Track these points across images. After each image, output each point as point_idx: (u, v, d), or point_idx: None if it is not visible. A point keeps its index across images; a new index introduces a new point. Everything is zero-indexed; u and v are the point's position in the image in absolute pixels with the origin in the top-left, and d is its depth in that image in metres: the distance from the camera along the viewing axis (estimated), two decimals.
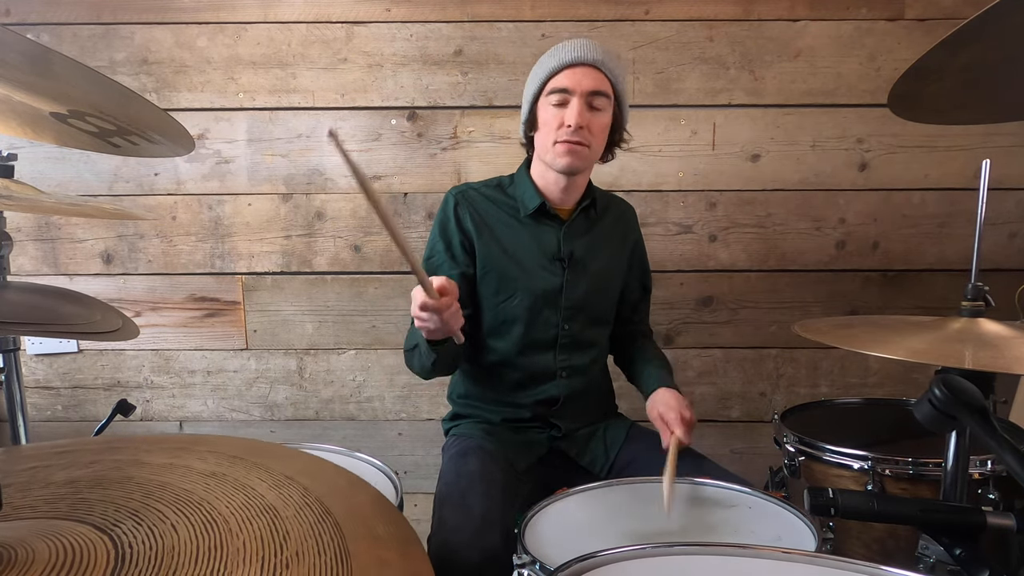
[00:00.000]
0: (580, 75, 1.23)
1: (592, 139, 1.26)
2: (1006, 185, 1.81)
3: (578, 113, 1.22)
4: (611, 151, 1.37)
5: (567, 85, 1.24)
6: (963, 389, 0.76)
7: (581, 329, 1.36)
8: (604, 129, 1.28)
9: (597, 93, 1.24)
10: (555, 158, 1.27)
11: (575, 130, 1.23)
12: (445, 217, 1.35)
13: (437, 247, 1.35)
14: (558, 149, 1.26)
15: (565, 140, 1.24)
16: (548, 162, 1.29)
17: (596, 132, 1.26)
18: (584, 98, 1.23)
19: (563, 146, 1.25)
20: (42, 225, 1.88)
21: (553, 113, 1.26)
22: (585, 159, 1.27)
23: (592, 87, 1.23)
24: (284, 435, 1.95)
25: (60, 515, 0.57)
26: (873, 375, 1.91)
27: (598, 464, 1.33)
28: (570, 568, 0.78)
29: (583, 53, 1.24)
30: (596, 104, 1.25)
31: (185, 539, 0.53)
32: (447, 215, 1.34)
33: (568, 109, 1.23)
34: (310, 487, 0.64)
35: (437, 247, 1.35)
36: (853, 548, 1.20)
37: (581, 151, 1.25)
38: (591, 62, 1.23)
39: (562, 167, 1.27)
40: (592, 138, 1.26)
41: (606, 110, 1.26)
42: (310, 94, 1.83)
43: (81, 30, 1.81)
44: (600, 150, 1.31)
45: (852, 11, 1.78)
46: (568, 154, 1.25)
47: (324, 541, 0.54)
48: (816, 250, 1.87)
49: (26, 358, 1.91)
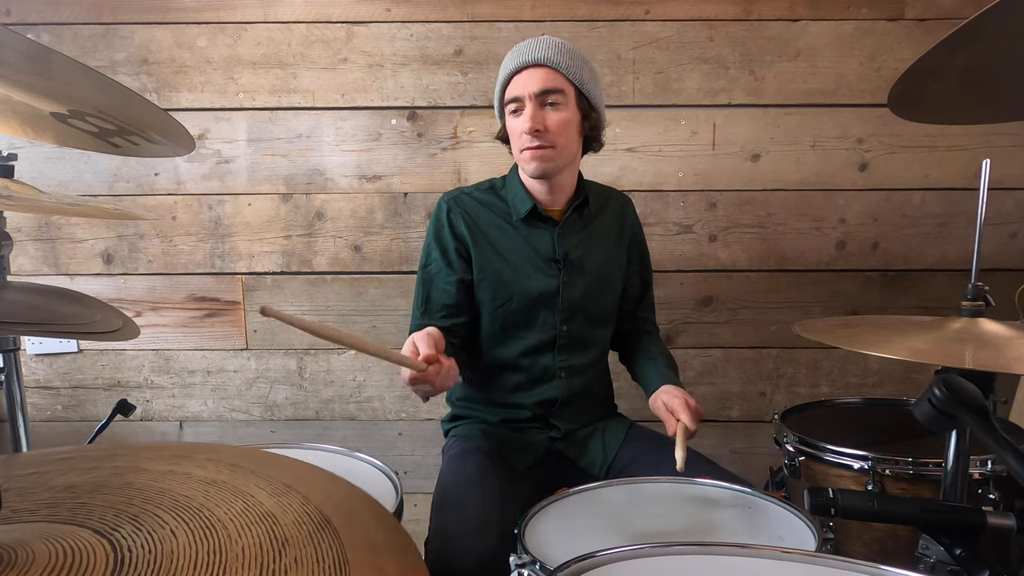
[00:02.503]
0: (526, 79, 1.23)
1: (555, 138, 1.24)
2: (1006, 185, 1.81)
3: (531, 117, 1.22)
4: (593, 143, 1.34)
5: (516, 93, 1.24)
6: (963, 389, 0.76)
7: (580, 329, 1.36)
8: (565, 124, 1.25)
9: (546, 92, 1.22)
10: (525, 165, 1.27)
11: (532, 135, 1.22)
12: (439, 224, 1.34)
13: (433, 254, 1.34)
14: (524, 156, 1.26)
15: (527, 147, 1.24)
16: (524, 169, 1.30)
17: (556, 130, 1.24)
18: (535, 99, 1.22)
19: (527, 152, 1.25)
20: (42, 225, 1.88)
21: (513, 123, 1.27)
22: (554, 160, 1.26)
23: (539, 87, 1.22)
24: (284, 435, 1.95)
25: (59, 519, 0.57)
26: (873, 375, 1.91)
27: (596, 465, 1.33)
28: (570, 568, 0.78)
29: (526, 56, 1.23)
30: (550, 101, 1.23)
31: (184, 544, 0.53)
32: (441, 222, 1.34)
33: (522, 116, 1.24)
34: (309, 495, 0.64)
35: (433, 254, 1.34)
36: (853, 548, 1.20)
37: (546, 154, 1.24)
38: (535, 62, 1.22)
39: (532, 172, 1.28)
40: (555, 137, 1.24)
41: (563, 104, 1.24)
42: (310, 94, 1.83)
43: (81, 30, 1.81)
44: (571, 146, 1.28)
45: (852, 11, 1.78)
46: (533, 159, 1.25)
47: (323, 549, 0.54)
48: (816, 250, 1.87)
49: (26, 358, 1.91)
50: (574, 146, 1.29)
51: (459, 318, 1.32)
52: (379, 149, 1.85)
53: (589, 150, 1.36)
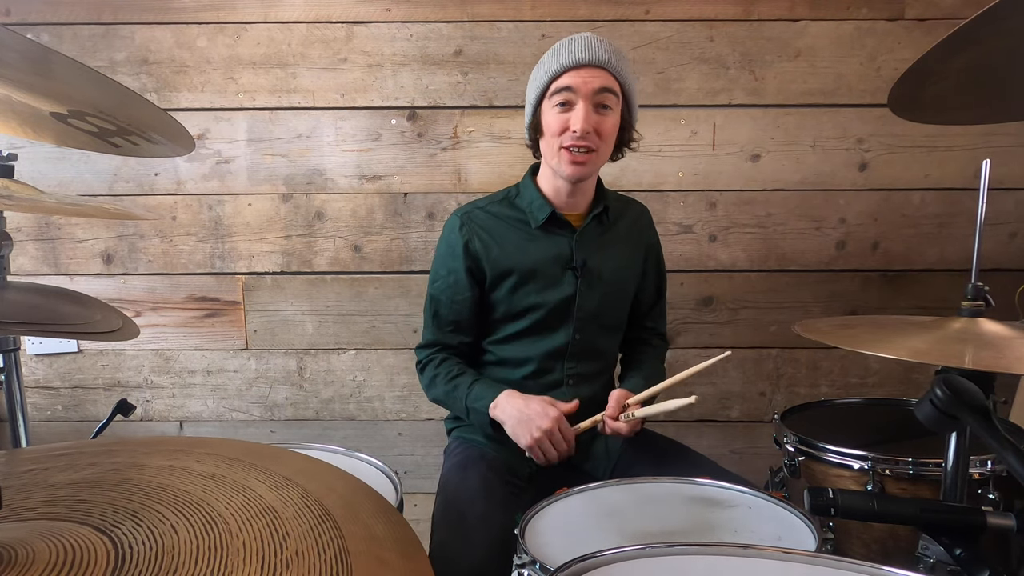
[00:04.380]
0: (586, 75, 1.17)
1: (600, 143, 1.21)
2: (1006, 185, 1.81)
3: (584, 117, 1.17)
4: (620, 151, 1.32)
5: (571, 84, 1.18)
6: (964, 389, 0.76)
7: (593, 338, 1.34)
8: (612, 129, 1.22)
9: (604, 90, 1.18)
10: (560, 165, 1.23)
11: (582, 135, 1.18)
12: (451, 243, 1.31)
13: (441, 272, 1.33)
14: (564, 156, 1.21)
15: (571, 145, 1.20)
16: (554, 168, 1.25)
17: (605, 135, 1.21)
18: (590, 99, 1.18)
19: (569, 154, 1.20)
20: (42, 225, 1.88)
21: (558, 117, 1.20)
22: (593, 165, 1.23)
23: (599, 85, 1.18)
24: (284, 435, 1.95)
25: (59, 517, 0.57)
26: (873, 375, 1.91)
27: (600, 469, 1.33)
28: (570, 568, 0.77)
29: (588, 54, 1.17)
30: (604, 103, 1.19)
31: (185, 539, 0.53)
32: (453, 240, 1.31)
33: (574, 112, 1.19)
34: (309, 488, 0.64)
35: (441, 272, 1.33)
36: (853, 548, 1.19)
37: (588, 157, 1.21)
38: (596, 63, 1.17)
39: (568, 175, 1.23)
40: (600, 142, 1.21)
41: (615, 109, 1.21)
42: (310, 94, 1.83)
43: (81, 30, 1.81)
44: (608, 153, 1.26)
45: (852, 11, 1.78)
46: (574, 163, 1.21)
47: (324, 541, 0.54)
48: (816, 250, 1.87)
49: (26, 358, 1.91)
50: (608, 153, 1.26)
51: (466, 336, 1.33)
52: (379, 149, 1.85)
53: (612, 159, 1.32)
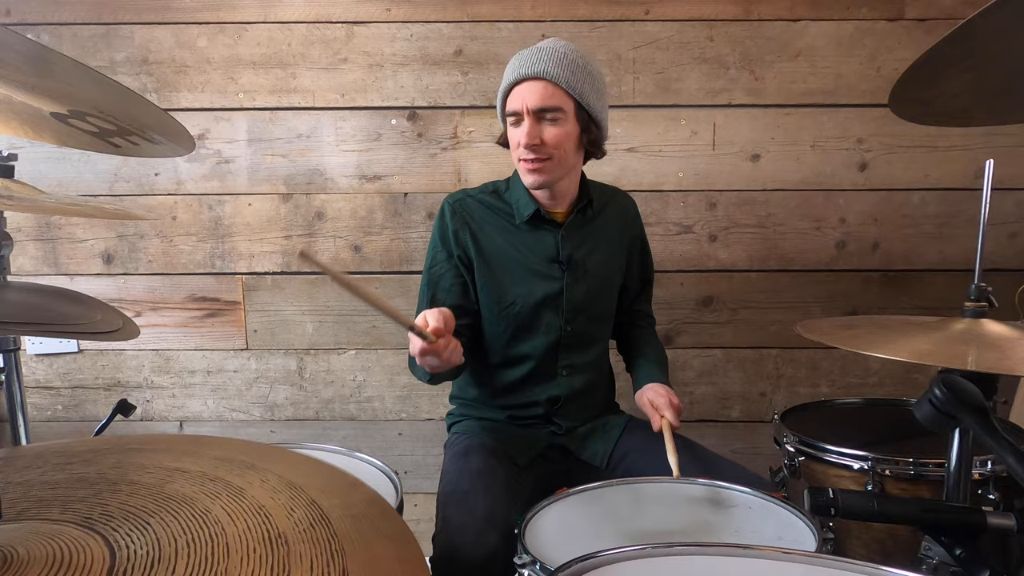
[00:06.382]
0: (525, 92, 1.21)
1: (553, 151, 1.23)
2: (1006, 185, 1.81)
3: (527, 133, 1.21)
4: (595, 151, 1.33)
5: (515, 107, 1.23)
6: (963, 389, 0.76)
7: (583, 328, 1.36)
8: (563, 138, 1.23)
9: (545, 104, 1.20)
10: (523, 175, 1.28)
11: (527, 149, 1.22)
12: (443, 226, 1.34)
13: (438, 256, 1.35)
14: (522, 166, 1.26)
15: (523, 159, 1.24)
16: (521, 178, 1.30)
17: (554, 143, 1.23)
18: (532, 115, 1.22)
19: (524, 164, 1.25)
20: (42, 225, 1.88)
21: (512, 132, 1.27)
22: (551, 171, 1.25)
23: (536, 104, 1.20)
24: (284, 435, 1.95)
25: (54, 518, 0.57)
26: (873, 375, 1.91)
27: (598, 456, 1.34)
28: (570, 568, 0.78)
29: (526, 68, 1.21)
30: (548, 117, 1.22)
31: (181, 541, 0.53)
32: (445, 224, 1.34)
33: (520, 128, 1.23)
34: (306, 488, 0.64)
35: (438, 256, 1.35)
36: (853, 548, 1.19)
37: (543, 166, 1.24)
38: (534, 75, 1.20)
39: (529, 184, 1.28)
40: (553, 150, 1.23)
41: (561, 119, 1.22)
42: (310, 94, 1.83)
43: (81, 30, 1.81)
44: (569, 158, 1.27)
45: (852, 11, 1.78)
46: (530, 172, 1.25)
47: (320, 540, 0.54)
48: (816, 250, 1.87)
49: (26, 358, 1.91)
50: (572, 158, 1.28)
51: (464, 319, 1.32)
52: (379, 149, 1.85)
53: (591, 157, 1.35)
